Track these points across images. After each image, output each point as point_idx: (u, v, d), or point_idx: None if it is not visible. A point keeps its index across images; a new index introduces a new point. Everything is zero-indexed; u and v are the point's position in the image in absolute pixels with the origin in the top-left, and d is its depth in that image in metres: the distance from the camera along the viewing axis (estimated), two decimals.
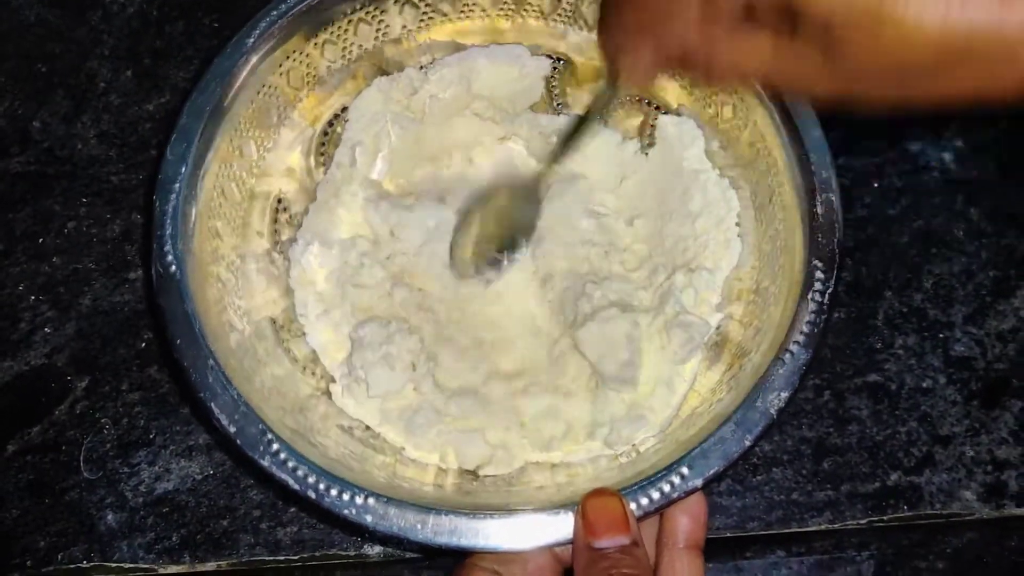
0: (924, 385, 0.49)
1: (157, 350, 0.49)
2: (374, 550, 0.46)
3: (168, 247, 0.39)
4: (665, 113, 0.49)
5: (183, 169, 0.41)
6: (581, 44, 0.51)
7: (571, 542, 0.35)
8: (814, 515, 0.46)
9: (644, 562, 0.34)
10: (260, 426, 0.36)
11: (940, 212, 0.53)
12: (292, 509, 0.46)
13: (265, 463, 0.36)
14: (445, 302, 0.46)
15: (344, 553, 0.46)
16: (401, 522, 0.35)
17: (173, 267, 0.39)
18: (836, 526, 0.46)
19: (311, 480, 0.35)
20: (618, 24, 0.35)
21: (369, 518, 0.35)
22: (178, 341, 0.38)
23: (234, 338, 0.41)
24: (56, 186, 0.53)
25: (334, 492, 0.35)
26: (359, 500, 0.35)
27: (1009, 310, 0.51)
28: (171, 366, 0.46)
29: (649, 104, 0.50)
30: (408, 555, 0.46)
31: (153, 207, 0.40)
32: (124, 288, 0.51)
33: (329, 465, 0.36)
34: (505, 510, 0.35)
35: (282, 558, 0.45)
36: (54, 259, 0.51)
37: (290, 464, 0.36)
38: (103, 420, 0.48)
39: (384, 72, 0.50)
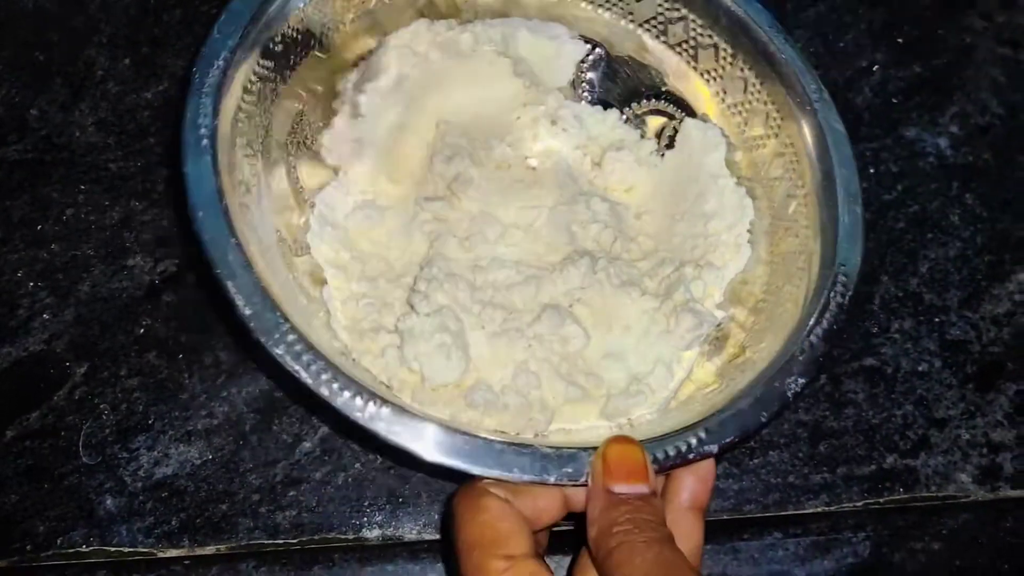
0: (920, 369, 0.49)
1: (156, 336, 0.49)
2: (372, 533, 0.46)
3: (204, 118, 0.38)
4: (692, 117, 0.50)
5: (229, 44, 0.40)
6: (620, 36, 0.51)
7: (584, 484, 0.34)
8: (810, 497, 0.47)
9: (660, 514, 0.33)
10: (277, 313, 0.34)
11: (936, 197, 0.54)
12: (291, 493, 0.46)
13: (279, 351, 0.33)
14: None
15: (343, 537, 0.46)
16: (414, 436, 0.33)
17: (205, 140, 0.37)
18: (832, 508, 0.47)
19: (325, 377, 0.33)
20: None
21: (381, 426, 0.33)
22: (200, 213, 0.35)
23: (251, 230, 0.39)
24: (54, 173, 0.53)
25: (347, 393, 0.33)
26: (373, 407, 0.33)
27: (1004, 294, 0.51)
28: (190, 242, 0.42)
29: (676, 106, 0.50)
30: (407, 538, 0.46)
31: (192, 77, 0.39)
32: (123, 275, 0.51)
33: (346, 367, 0.35)
34: (524, 443, 0.35)
35: (281, 541, 0.45)
36: (52, 246, 0.51)
37: (304, 357, 0.34)
38: (102, 406, 0.48)
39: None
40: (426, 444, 0.34)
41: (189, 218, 0.36)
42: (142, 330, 0.50)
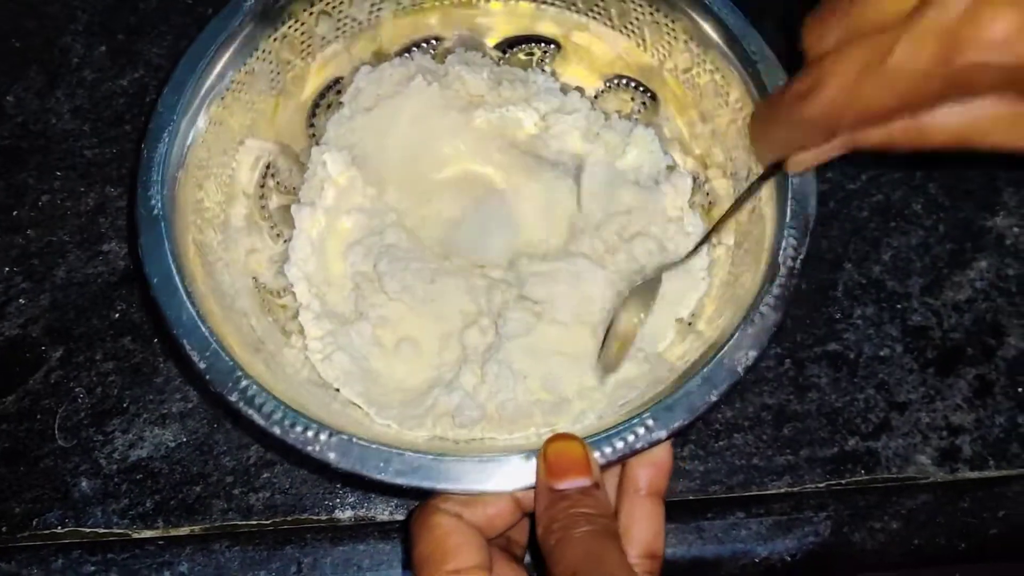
0: (882, 354, 0.50)
1: (131, 321, 0.50)
2: (345, 514, 0.47)
3: (153, 191, 0.40)
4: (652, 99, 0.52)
5: (173, 119, 0.42)
6: (571, 26, 0.52)
7: (532, 487, 0.35)
8: (774, 479, 0.48)
9: (604, 503, 0.34)
10: (230, 363, 0.37)
11: (899, 187, 0.55)
12: (264, 475, 0.47)
13: (233, 399, 0.37)
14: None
15: (315, 518, 0.46)
16: (364, 461, 0.36)
17: (156, 210, 0.40)
18: (795, 489, 0.47)
19: (277, 416, 0.36)
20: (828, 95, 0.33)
21: (332, 455, 0.36)
22: (155, 280, 0.39)
23: (213, 284, 0.42)
24: (30, 160, 0.54)
25: (299, 429, 0.36)
26: (323, 437, 0.36)
27: (965, 281, 0.52)
28: (149, 307, 0.47)
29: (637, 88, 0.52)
30: (379, 519, 0.47)
31: (141, 152, 0.41)
32: (98, 260, 0.51)
33: (298, 406, 0.37)
34: (468, 453, 0.36)
35: (254, 522, 0.46)
36: (28, 232, 0.52)
37: (257, 401, 0.36)
38: (77, 389, 0.48)
39: (377, 52, 0.51)
40: (374, 466, 0.36)
41: (145, 283, 0.39)
42: (117, 315, 0.50)
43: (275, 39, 0.47)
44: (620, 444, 0.36)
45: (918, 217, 0.54)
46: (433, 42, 0.52)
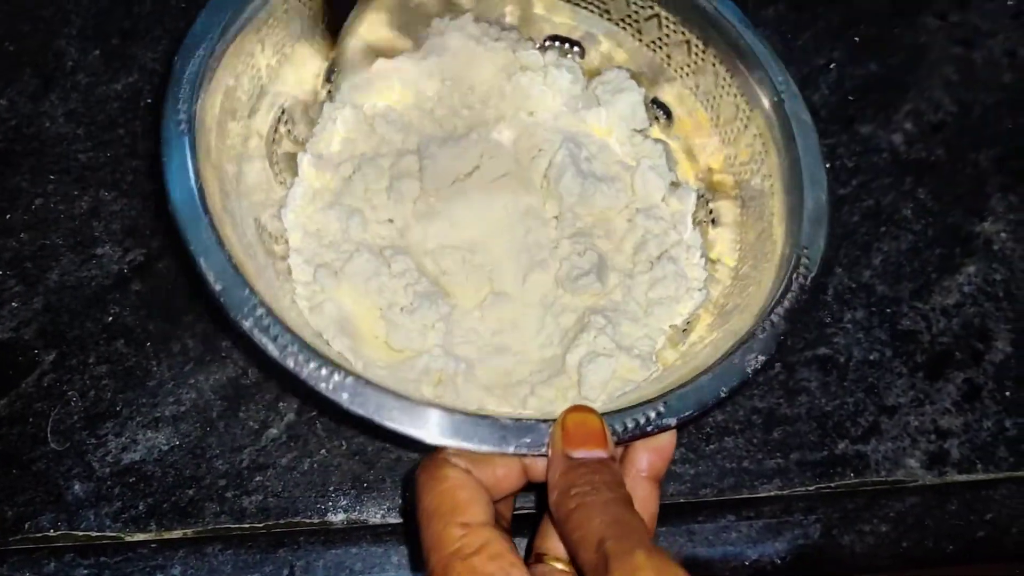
0: (871, 358, 0.51)
1: (124, 324, 0.50)
2: (337, 517, 0.46)
3: (183, 105, 0.39)
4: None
5: (209, 37, 0.41)
6: (598, 33, 0.53)
7: (544, 455, 0.35)
8: (764, 482, 0.48)
9: (619, 476, 0.34)
10: (246, 289, 0.36)
11: (889, 192, 0.55)
12: (257, 478, 0.47)
13: (246, 325, 0.35)
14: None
15: (308, 521, 0.46)
16: (377, 404, 0.35)
17: (183, 125, 0.39)
18: (785, 492, 0.48)
19: (291, 349, 0.35)
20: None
21: (345, 395, 0.34)
22: (176, 195, 0.37)
23: (228, 211, 0.41)
24: (24, 163, 0.53)
25: (313, 365, 0.35)
26: (337, 377, 0.35)
27: (954, 286, 0.53)
28: (167, 226, 0.45)
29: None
30: (371, 522, 0.47)
31: (173, 66, 0.40)
32: (91, 264, 0.51)
33: (315, 342, 0.36)
34: (484, 413, 0.36)
35: (247, 525, 0.46)
36: (21, 235, 0.52)
37: (272, 331, 0.35)
38: (70, 392, 0.48)
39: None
40: (388, 414, 0.35)
41: (165, 198, 0.37)
42: (110, 318, 0.50)
43: None
44: (631, 424, 0.36)
45: (908, 222, 0.54)
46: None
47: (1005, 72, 0.61)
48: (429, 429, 0.35)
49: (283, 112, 0.49)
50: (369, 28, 0.51)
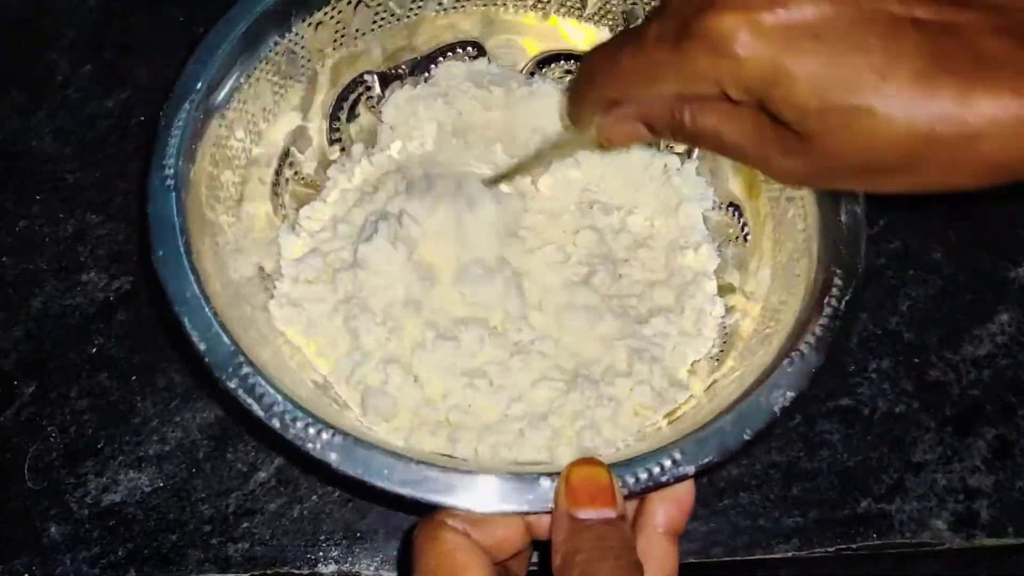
0: (897, 410, 0.48)
1: (108, 356, 0.48)
2: (328, 569, 0.44)
3: (170, 159, 0.39)
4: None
5: (198, 87, 0.41)
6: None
7: (548, 511, 0.33)
8: (781, 542, 0.46)
9: (629, 538, 0.32)
10: (232, 347, 0.35)
11: (918, 233, 0.53)
12: (244, 524, 0.45)
13: (232, 385, 0.34)
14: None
15: (297, 572, 0.44)
16: (367, 464, 0.33)
17: (170, 180, 0.38)
18: (803, 553, 0.45)
19: (277, 408, 0.34)
20: (598, 86, 0.35)
21: (334, 456, 0.33)
22: (160, 252, 0.37)
23: (218, 267, 0.40)
24: (8, 183, 0.52)
25: (300, 424, 0.34)
26: (325, 435, 0.34)
27: (985, 335, 0.50)
28: (152, 283, 0.43)
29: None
30: (364, 574, 0.45)
31: (160, 117, 0.40)
32: (76, 291, 0.49)
33: (299, 400, 0.35)
34: (482, 469, 0.34)
35: (232, 575, 0.44)
36: (4, 259, 0.50)
37: (257, 390, 0.34)
38: (50, 428, 0.47)
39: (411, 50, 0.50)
40: (378, 473, 0.33)
41: (150, 254, 0.37)
42: (94, 349, 0.48)
43: (309, 23, 0.45)
44: (644, 475, 0.34)
45: (937, 266, 0.52)
46: (469, 48, 0.51)
47: None
48: (422, 488, 0.33)
49: (287, 154, 0.47)
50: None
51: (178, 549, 0.44)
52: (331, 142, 0.49)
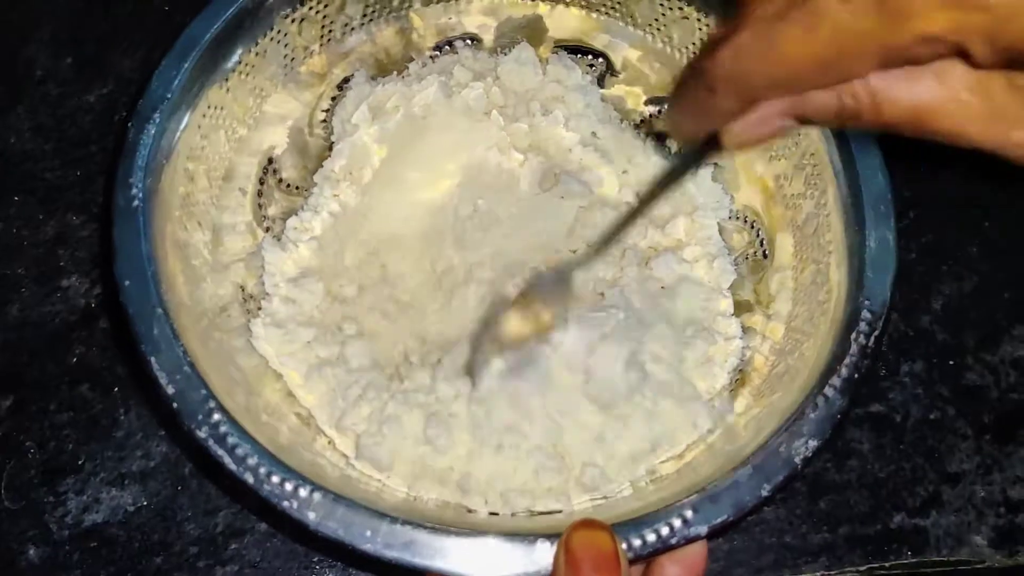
0: (932, 417, 0.47)
1: (89, 366, 0.47)
2: None
3: (135, 179, 0.37)
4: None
5: (167, 98, 0.39)
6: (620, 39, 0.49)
7: None
8: (808, 560, 0.44)
9: None
10: (203, 391, 0.33)
11: (952, 226, 0.51)
12: (233, 546, 0.43)
13: (202, 435, 0.33)
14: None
15: None
16: (348, 525, 0.32)
17: (136, 201, 0.37)
18: (833, 572, 0.44)
19: (251, 462, 0.32)
20: (734, 86, 0.28)
21: (312, 515, 0.32)
22: (127, 283, 0.35)
23: (193, 293, 0.39)
24: None
25: (275, 479, 0.32)
26: (303, 492, 0.32)
27: None
28: (117, 316, 0.42)
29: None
30: None
31: (126, 134, 0.38)
32: (55, 297, 0.48)
33: (277, 450, 0.33)
34: (472, 529, 0.32)
35: None
36: None
37: (230, 440, 0.32)
38: (28, 443, 0.45)
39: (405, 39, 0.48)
40: (360, 535, 0.31)
41: (115, 286, 0.35)
42: (75, 359, 0.47)
43: (292, 19, 0.44)
44: (652, 537, 0.32)
45: (973, 261, 0.50)
46: (469, 41, 0.49)
47: None
48: (410, 552, 0.32)
49: (270, 161, 0.46)
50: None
51: (163, 572, 0.43)
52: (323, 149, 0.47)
